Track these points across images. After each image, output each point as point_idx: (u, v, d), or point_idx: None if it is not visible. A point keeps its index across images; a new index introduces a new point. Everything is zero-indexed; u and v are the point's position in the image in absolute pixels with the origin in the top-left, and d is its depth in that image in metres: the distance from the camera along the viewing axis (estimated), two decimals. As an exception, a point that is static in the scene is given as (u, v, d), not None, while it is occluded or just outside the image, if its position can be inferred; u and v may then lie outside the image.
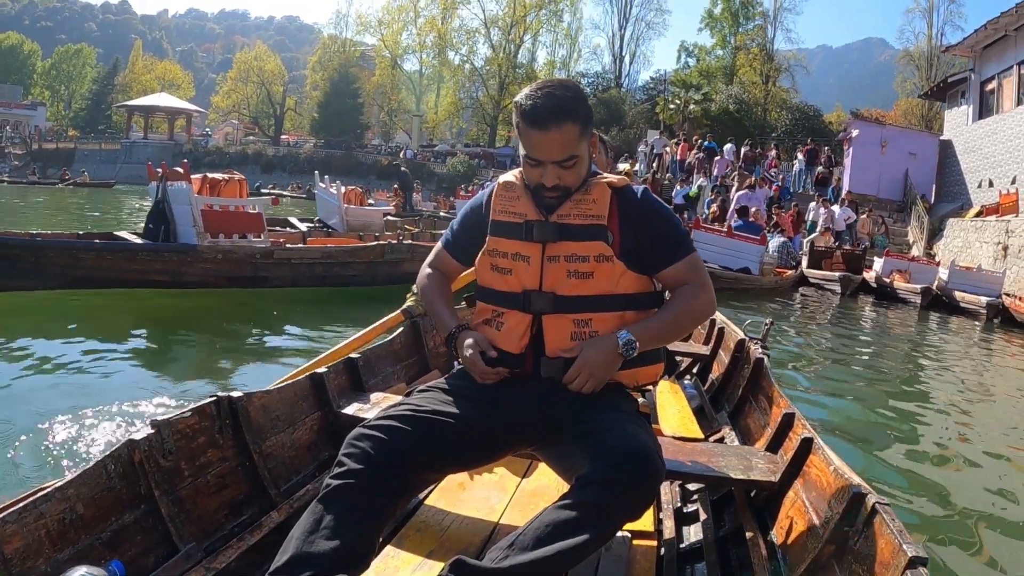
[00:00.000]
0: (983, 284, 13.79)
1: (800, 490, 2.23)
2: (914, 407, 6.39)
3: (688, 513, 2.78)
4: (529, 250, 2.09)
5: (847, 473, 1.97)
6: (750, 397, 3.44)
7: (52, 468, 3.37)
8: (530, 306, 2.07)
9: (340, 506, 1.69)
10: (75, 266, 7.62)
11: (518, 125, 2.03)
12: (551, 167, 2.00)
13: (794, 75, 53.71)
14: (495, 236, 2.15)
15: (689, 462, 2.40)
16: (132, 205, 27.35)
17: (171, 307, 7.90)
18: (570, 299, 2.06)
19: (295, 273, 8.85)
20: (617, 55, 60.77)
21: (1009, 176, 19.71)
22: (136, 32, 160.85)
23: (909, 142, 26.26)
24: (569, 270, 2.05)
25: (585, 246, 2.05)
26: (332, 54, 67.15)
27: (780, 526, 2.24)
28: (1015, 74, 20.57)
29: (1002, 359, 9.77)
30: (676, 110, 42.44)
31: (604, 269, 2.04)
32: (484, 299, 2.21)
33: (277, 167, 54.24)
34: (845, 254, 17.02)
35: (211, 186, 8.78)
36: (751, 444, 3.06)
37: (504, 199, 2.17)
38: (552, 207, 2.09)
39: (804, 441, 2.32)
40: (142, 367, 5.63)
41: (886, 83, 63.84)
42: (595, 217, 2.06)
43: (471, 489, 2.65)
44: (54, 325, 6.70)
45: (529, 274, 2.08)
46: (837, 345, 9.44)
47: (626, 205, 2.10)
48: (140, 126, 61.77)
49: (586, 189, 2.08)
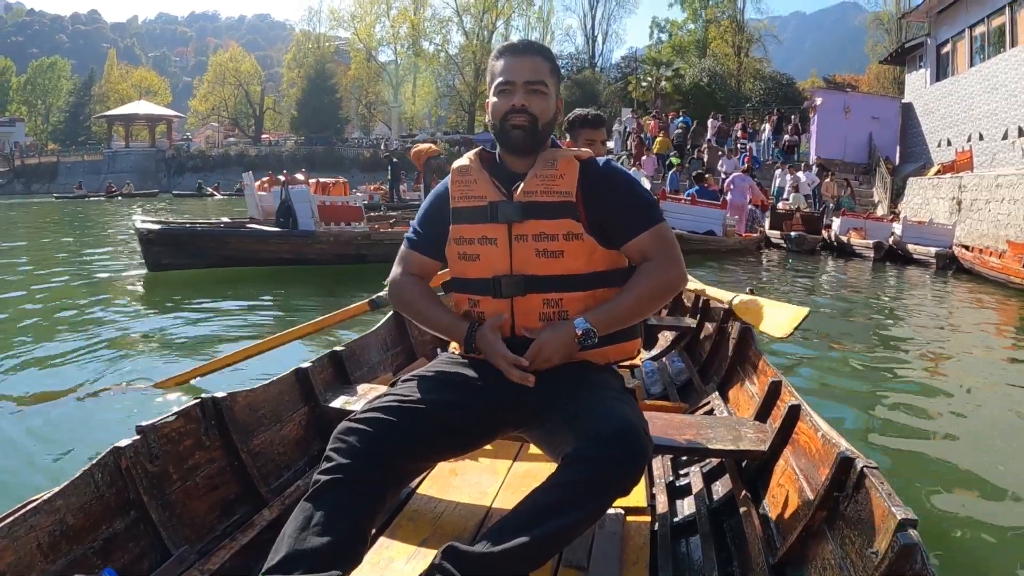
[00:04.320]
0: (934, 236, 14.72)
1: (790, 458, 2.25)
2: (879, 354, 6.88)
3: (681, 486, 2.78)
4: (495, 232, 2.04)
5: (835, 438, 1.97)
6: (738, 368, 3.44)
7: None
8: (501, 292, 2.04)
9: (330, 502, 1.69)
10: (224, 248, 10.58)
11: (492, 67, 2.11)
12: (521, 88, 2.03)
13: (766, 45, 54.10)
14: (458, 224, 2.11)
15: (679, 436, 2.41)
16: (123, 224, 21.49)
17: (296, 278, 10.30)
18: (540, 279, 2.01)
19: (388, 251, 10.72)
20: (590, 35, 61.20)
21: (965, 135, 20.53)
22: (108, 41, 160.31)
23: (872, 107, 27.31)
24: (538, 249, 2.01)
25: (553, 224, 2.00)
26: (307, 51, 67.25)
27: (772, 495, 2.26)
28: (967, 37, 21.36)
29: (952, 304, 10.61)
30: (648, 87, 42.82)
31: (574, 247, 2.00)
32: (458, 290, 2.17)
33: (260, 166, 53.91)
34: (804, 215, 18.03)
35: (323, 187, 13.42)
36: (738, 412, 3.11)
37: (462, 184, 2.13)
38: (514, 182, 2.06)
39: (792, 408, 2.33)
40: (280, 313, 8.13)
41: (860, 48, 64.14)
42: (562, 193, 2.01)
43: (463, 475, 2.67)
44: (214, 289, 9.31)
45: (498, 257, 2.04)
46: (800, 301, 10.14)
47: (590, 177, 2.05)
48: (121, 135, 61.74)
49: (553, 163, 2.04)
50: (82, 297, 8.75)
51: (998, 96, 18.94)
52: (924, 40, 24.42)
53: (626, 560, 2.11)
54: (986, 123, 19.56)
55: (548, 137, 2.12)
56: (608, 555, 2.11)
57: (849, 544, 1.66)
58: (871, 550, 1.53)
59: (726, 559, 2.19)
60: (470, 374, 2.04)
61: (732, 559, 2.19)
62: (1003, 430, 4.72)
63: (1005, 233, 13.35)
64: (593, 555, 2.10)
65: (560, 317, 2.02)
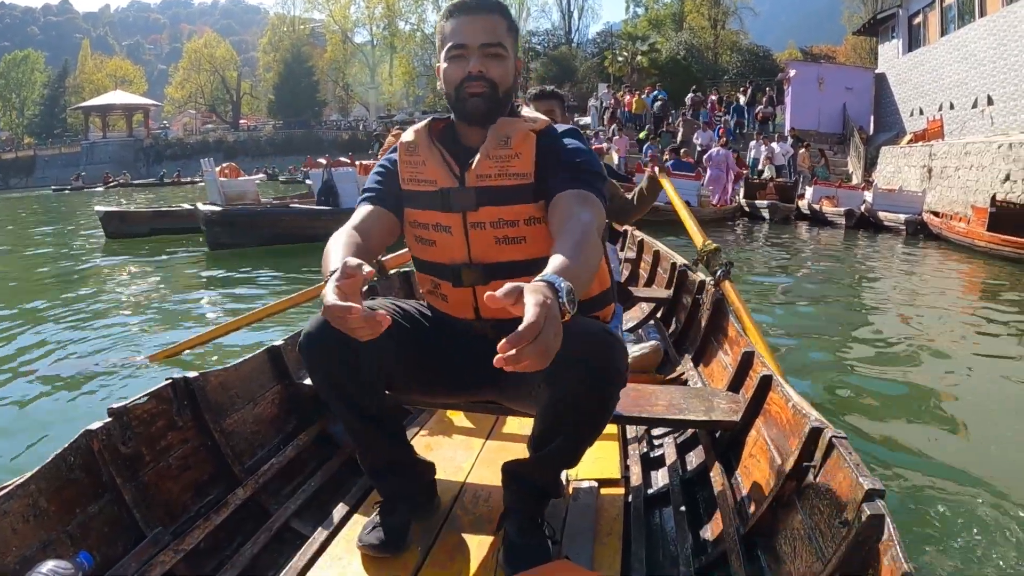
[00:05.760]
0: (904, 203, 14.95)
1: (762, 428, 2.24)
2: (848, 320, 7.16)
3: (655, 458, 2.77)
4: (449, 220, 1.90)
5: (805, 408, 1.97)
6: (712, 338, 3.42)
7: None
8: (461, 281, 1.94)
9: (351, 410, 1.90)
10: (277, 226, 11.57)
11: (442, 29, 1.90)
12: (477, 51, 1.84)
13: (742, 17, 54.04)
14: (410, 207, 1.98)
15: (651, 407, 2.39)
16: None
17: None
18: (502, 265, 1.89)
19: None
20: (566, 11, 60.61)
21: (937, 104, 20.72)
22: (80, 31, 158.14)
23: (845, 78, 27.48)
24: (497, 236, 1.88)
25: (511, 210, 1.86)
26: (282, 34, 66.90)
27: (744, 465, 2.26)
28: (938, 8, 21.44)
29: (921, 268, 10.87)
30: (624, 62, 42.83)
31: (537, 232, 1.87)
32: (420, 270, 2.08)
33: (239, 152, 54.04)
34: (777, 185, 18.36)
35: (366, 169, 13.14)
36: (712, 382, 3.10)
37: (410, 165, 1.97)
38: (472, 156, 1.90)
39: (763, 379, 2.32)
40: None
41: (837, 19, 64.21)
42: (519, 175, 1.86)
43: (437, 450, 2.69)
44: (267, 260, 10.29)
45: (454, 245, 1.92)
46: (774, 267, 10.62)
47: (547, 151, 1.88)
48: (98, 126, 61.30)
49: (506, 141, 1.87)
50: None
51: (967, 65, 19.13)
52: (896, 11, 24.55)
53: (599, 532, 2.13)
54: (956, 92, 19.74)
55: (508, 104, 1.96)
56: (581, 527, 2.13)
57: (818, 514, 1.67)
58: (839, 520, 1.54)
59: (698, 530, 2.21)
60: (445, 327, 2.05)
61: (704, 529, 2.21)
62: (968, 392, 4.82)
63: (973, 199, 13.57)
64: (567, 528, 2.12)
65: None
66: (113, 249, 12.47)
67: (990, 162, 13.45)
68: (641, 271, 5.95)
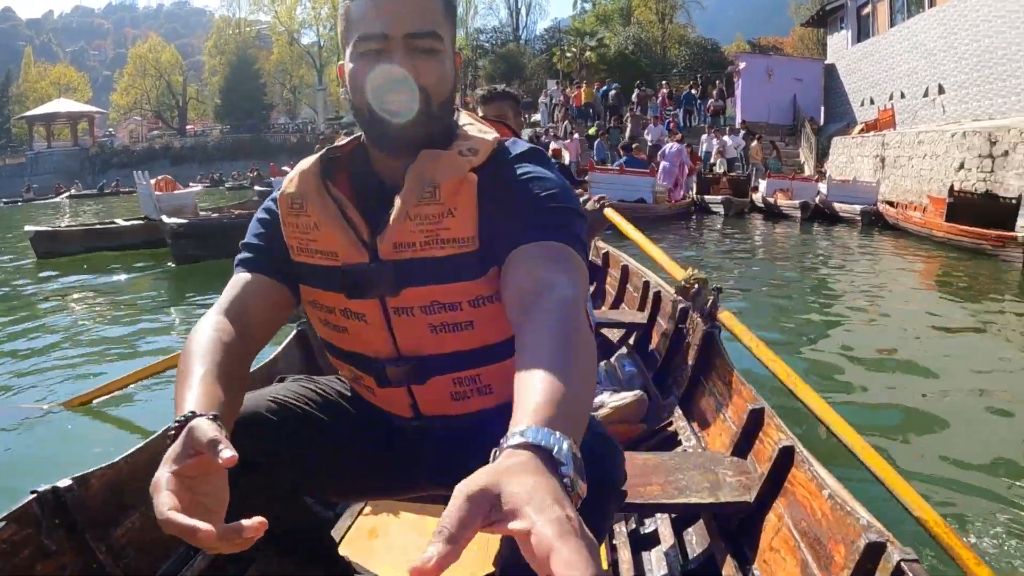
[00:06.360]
0: (859, 194, 14.85)
1: (784, 513, 1.86)
2: (807, 314, 7.05)
3: (646, 535, 2.33)
4: (361, 307, 1.34)
5: (850, 504, 1.58)
6: (702, 379, 2.98)
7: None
8: (388, 381, 1.39)
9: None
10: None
11: (347, 11, 1.30)
12: (400, 45, 1.23)
13: (689, 11, 54.36)
14: (306, 285, 1.39)
15: (643, 484, 2.03)
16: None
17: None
18: (444, 357, 1.35)
19: None
20: (513, 8, 60.55)
21: (887, 93, 20.85)
22: (23, 38, 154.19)
23: (795, 69, 27.57)
24: (432, 324, 1.31)
25: (448, 289, 1.28)
26: (227, 36, 65.65)
27: (763, 559, 1.86)
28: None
29: (878, 259, 10.84)
30: (573, 58, 42.82)
31: (488, 312, 1.30)
32: (332, 354, 1.50)
33: (187, 159, 53.19)
34: (731, 179, 18.21)
35: None
36: (709, 438, 2.68)
37: (297, 229, 1.35)
38: (383, 211, 1.29)
39: (783, 451, 1.94)
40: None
41: (785, 11, 64.96)
42: (456, 242, 1.26)
43: (384, 536, 2.23)
44: (221, 278, 9.04)
45: (372, 336, 1.36)
46: (730, 263, 10.42)
47: (494, 195, 1.26)
48: (43, 135, 59.71)
49: (434, 193, 1.24)
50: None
51: (918, 55, 19.23)
52: (844, 2, 24.65)
53: None
54: (907, 82, 19.86)
55: (447, 120, 1.34)
56: None
57: None
58: None
59: None
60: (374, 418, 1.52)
61: None
62: (930, 379, 4.78)
63: (928, 188, 13.54)
64: None
65: (482, 393, 1.39)
66: (42, 273, 11.37)
67: (944, 151, 13.40)
68: (608, 288, 5.19)
